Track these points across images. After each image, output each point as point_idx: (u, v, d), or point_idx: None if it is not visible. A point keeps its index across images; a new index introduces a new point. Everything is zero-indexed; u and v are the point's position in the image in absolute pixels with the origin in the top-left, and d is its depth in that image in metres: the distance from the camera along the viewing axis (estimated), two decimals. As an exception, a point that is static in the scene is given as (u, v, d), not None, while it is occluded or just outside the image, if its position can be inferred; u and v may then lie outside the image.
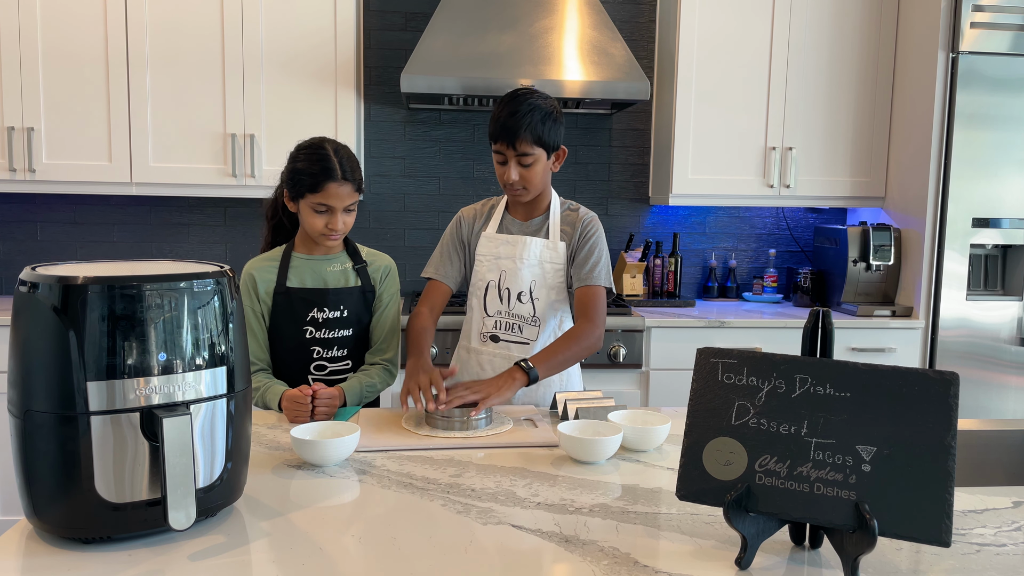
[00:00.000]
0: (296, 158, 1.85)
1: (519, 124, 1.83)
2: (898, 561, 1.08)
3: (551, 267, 1.98)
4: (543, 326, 1.98)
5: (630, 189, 3.69)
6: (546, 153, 1.89)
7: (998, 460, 1.77)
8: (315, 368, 1.91)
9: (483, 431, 1.65)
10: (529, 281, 1.97)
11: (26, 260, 3.43)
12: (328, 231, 1.85)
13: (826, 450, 1.03)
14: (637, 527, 1.18)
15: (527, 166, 1.88)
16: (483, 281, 2.01)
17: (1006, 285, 3.25)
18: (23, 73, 3.01)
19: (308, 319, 1.88)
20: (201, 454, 1.13)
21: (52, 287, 1.05)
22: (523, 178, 1.89)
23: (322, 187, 1.80)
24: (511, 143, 1.85)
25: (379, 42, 3.49)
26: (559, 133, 1.91)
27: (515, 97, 1.87)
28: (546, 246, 1.98)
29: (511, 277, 1.98)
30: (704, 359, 1.13)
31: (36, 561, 1.05)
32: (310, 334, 1.89)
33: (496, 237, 2.01)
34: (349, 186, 1.83)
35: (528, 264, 1.97)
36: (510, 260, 1.98)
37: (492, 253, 2.00)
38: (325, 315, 1.89)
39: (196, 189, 3.16)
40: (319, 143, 1.86)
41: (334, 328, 1.90)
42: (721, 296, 3.71)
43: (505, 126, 1.84)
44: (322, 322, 1.89)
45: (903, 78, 3.33)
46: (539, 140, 1.85)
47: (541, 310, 1.98)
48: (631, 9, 3.59)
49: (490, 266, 2.00)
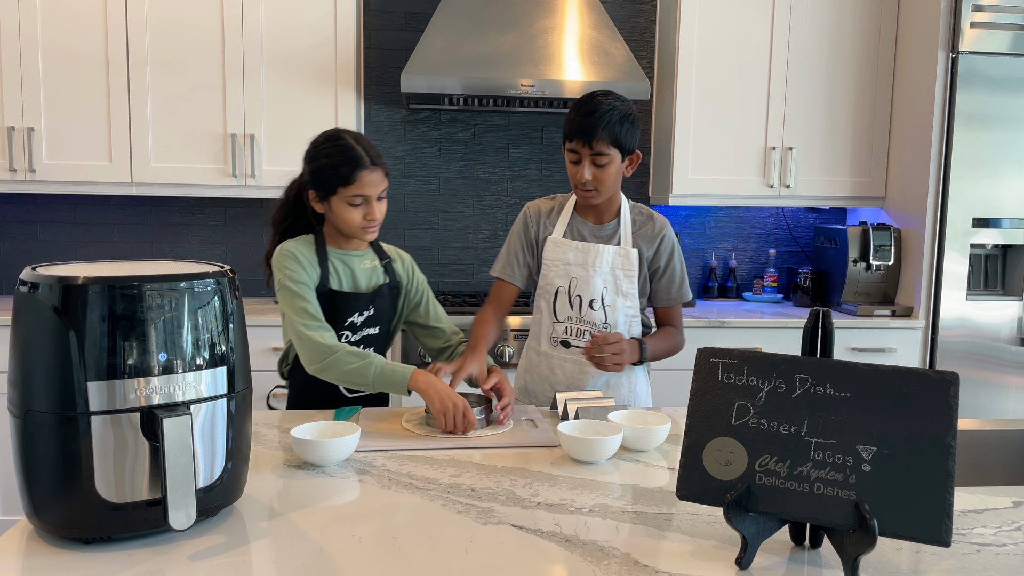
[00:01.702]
0: (316, 155, 1.78)
1: (597, 123, 1.81)
2: (898, 561, 1.08)
3: (623, 274, 1.95)
4: (614, 331, 1.95)
5: (630, 189, 3.68)
6: (621, 155, 1.87)
7: (998, 460, 1.77)
8: None
9: (483, 431, 1.65)
10: (600, 289, 1.95)
11: (26, 260, 3.43)
12: (367, 223, 1.78)
13: (826, 450, 1.03)
14: (637, 527, 1.18)
15: (601, 166, 1.85)
16: (552, 286, 1.98)
17: (1006, 285, 3.25)
18: (23, 73, 3.01)
19: (347, 323, 1.83)
20: (201, 454, 1.13)
21: (52, 287, 1.05)
22: (596, 179, 1.86)
23: (355, 177, 1.73)
24: (587, 142, 1.82)
25: (379, 42, 3.49)
26: (636, 136, 1.88)
27: (593, 97, 1.85)
28: (618, 253, 1.95)
29: (582, 284, 1.95)
30: (704, 359, 1.13)
31: (36, 561, 1.05)
32: (346, 338, 1.83)
33: (565, 243, 1.97)
34: (379, 171, 1.77)
35: (600, 272, 1.94)
36: (581, 267, 1.95)
37: (561, 259, 1.97)
38: (362, 317, 1.85)
39: (196, 189, 3.16)
40: (336, 134, 1.79)
41: (366, 327, 1.86)
42: (721, 296, 3.71)
43: (583, 125, 1.82)
44: (359, 324, 1.85)
45: (903, 78, 3.33)
46: (615, 141, 1.83)
47: (612, 317, 1.96)
48: (631, 9, 3.59)
49: (559, 272, 1.97)
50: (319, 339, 1.71)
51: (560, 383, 1.98)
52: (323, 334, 1.72)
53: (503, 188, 3.61)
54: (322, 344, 1.71)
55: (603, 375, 1.96)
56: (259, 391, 2.88)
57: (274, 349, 2.94)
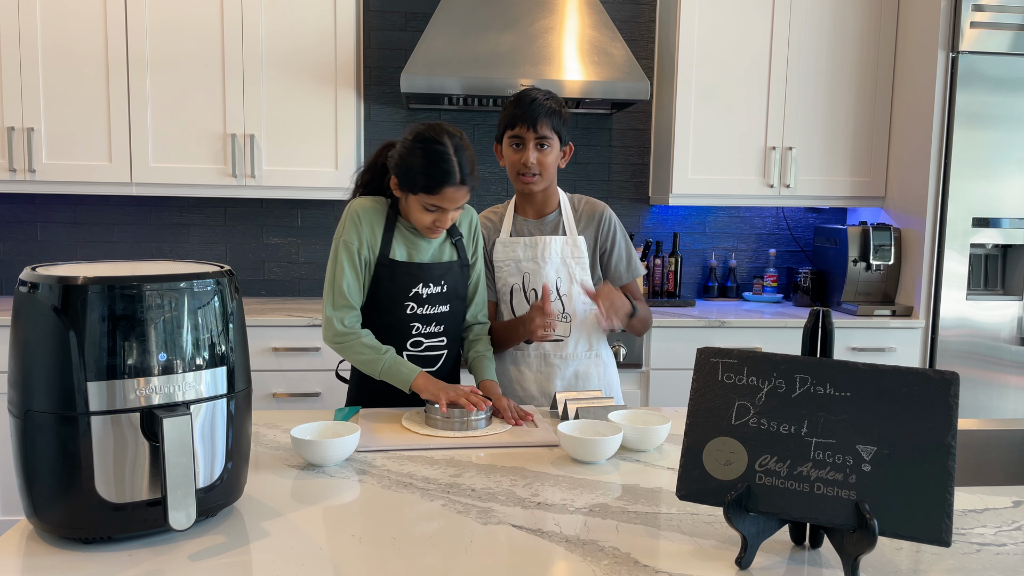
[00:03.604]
0: (411, 150, 1.73)
1: (539, 110, 1.90)
2: (898, 561, 1.08)
3: (574, 262, 2.00)
4: (574, 320, 2.01)
5: (630, 189, 3.69)
6: (560, 143, 1.95)
7: (998, 460, 1.77)
8: (411, 344, 1.85)
9: (483, 431, 1.65)
10: (554, 279, 1.99)
11: (26, 260, 3.43)
12: (435, 227, 1.77)
13: (826, 450, 1.03)
14: (637, 527, 1.18)
15: (544, 149, 1.92)
16: (507, 286, 2.02)
17: (1006, 285, 3.25)
18: (23, 73, 3.01)
19: (411, 294, 1.82)
20: (201, 454, 1.13)
21: (52, 287, 1.05)
22: (539, 163, 1.93)
23: (439, 191, 1.70)
24: (532, 126, 1.90)
25: (379, 42, 3.49)
26: (568, 130, 1.98)
27: (529, 91, 1.95)
28: (566, 242, 2.01)
29: (535, 278, 1.99)
30: (704, 359, 1.13)
31: (36, 561, 1.05)
32: (411, 309, 1.83)
33: (512, 241, 2.02)
34: (466, 189, 1.73)
35: (551, 263, 1.99)
36: (531, 262, 2.00)
37: (511, 257, 2.01)
38: (429, 290, 1.83)
39: (196, 189, 3.16)
40: (437, 136, 1.72)
41: (435, 304, 1.85)
42: (721, 296, 3.71)
43: (526, 111, 1.90)
44: (425, 297, 1.83)
45: (903, 78, 3.33)
46: (555, 128, 1.92)
47: (570, 306, 2.00)
48: (631, 9, 3.59)
49: (511, 270, 2.01)
50: (337, 323, 1.79)
51: (528, 380, 2.02)
52: (344, 316, 1.79)
53: (503, 188, 3.61)
54: (338, 329, 1.79)
55: (571, 367, 2.02)
56: (259, 391, 2.90)
57: (274, 349, 2.94)
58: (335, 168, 3.19)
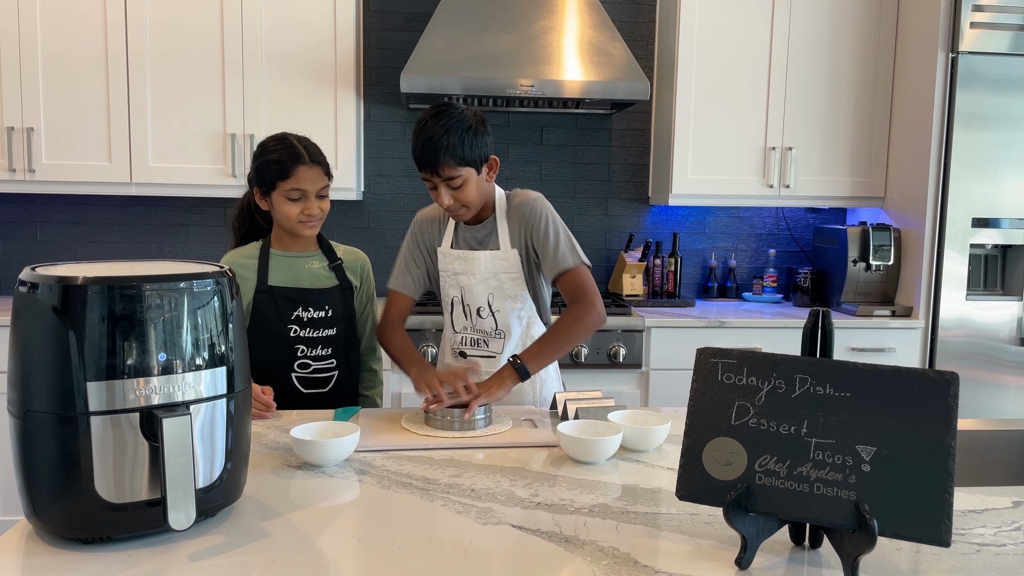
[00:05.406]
0: (260, 154, 1.88)
1: (437, 150, 1.76)
2: (898, 561, 1.08)
3: (507, 277, 1.94)
4: (508, 337, 1.97)
5: (630, 189, 3.69)
6: (475, 169, 1.83)
7: (998, 460, 1.77)
8: (299, 366, 1.91)
9: (483, 431, 1.65)
10: (486, 295, 1.96)
11: (26, 260, 3.43)
12: (305, 217, 1.86)
13: (826, 450, 1.03)
14: (637, 527, 1.18)
15: (457, 188, 1.82)
16: (448, 297, 2.01)
17: (1006, 285, 3.25)
18: (23, 73, 3.01)
19: (292, 318, 1.89)
20: (201, 454, 1.13)
21: (52, 287, 1.04)
22: (457, 200, 1.84)
23: (292, 171, 1.83)
24: (434, 171, 1.80)
25: (379, 42, 3.49)
26: (484, 144, 1.83)
27: (430, 118, 1.79)
28: (497, 257, 1.94)
29: (468, 293, 1.97)
30: (704, 359, 1.13)
31: (36, 561, 1.05)
32: (294, 332, 1.89)
33: (451, 253, 1.98)
34: (318, 168, 1.86)
35: (482, 279, 1.95)
36: (466, 276, 1.96)
37: (450, 269, 1.99)
38: (310, 314, 1.90)
39: (196, 189, 3.16)
40: (281, 135, 1.90)
41: (319, 327, 1.91)
42: (721, 296, 3.71)
43: (423, 156, 1.79)
44: (307, 321, 1.90)
45: (903, 78, 3.33)
46: (462, 160, 1.79)
47: (503, 322, 1.96)
48: (631, 9, 3.59)
49: (451, 282, 1.99)
50: None
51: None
52: None
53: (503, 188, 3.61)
54: None
55: None
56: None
57: (274, 349, 2.94)
58: (335, 168, 3.19)
